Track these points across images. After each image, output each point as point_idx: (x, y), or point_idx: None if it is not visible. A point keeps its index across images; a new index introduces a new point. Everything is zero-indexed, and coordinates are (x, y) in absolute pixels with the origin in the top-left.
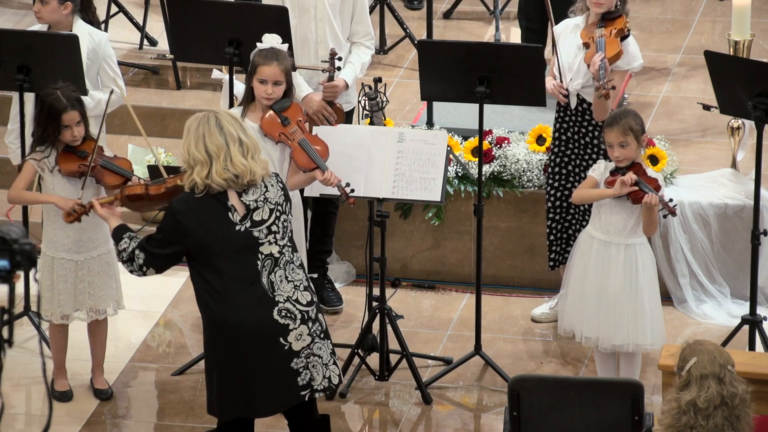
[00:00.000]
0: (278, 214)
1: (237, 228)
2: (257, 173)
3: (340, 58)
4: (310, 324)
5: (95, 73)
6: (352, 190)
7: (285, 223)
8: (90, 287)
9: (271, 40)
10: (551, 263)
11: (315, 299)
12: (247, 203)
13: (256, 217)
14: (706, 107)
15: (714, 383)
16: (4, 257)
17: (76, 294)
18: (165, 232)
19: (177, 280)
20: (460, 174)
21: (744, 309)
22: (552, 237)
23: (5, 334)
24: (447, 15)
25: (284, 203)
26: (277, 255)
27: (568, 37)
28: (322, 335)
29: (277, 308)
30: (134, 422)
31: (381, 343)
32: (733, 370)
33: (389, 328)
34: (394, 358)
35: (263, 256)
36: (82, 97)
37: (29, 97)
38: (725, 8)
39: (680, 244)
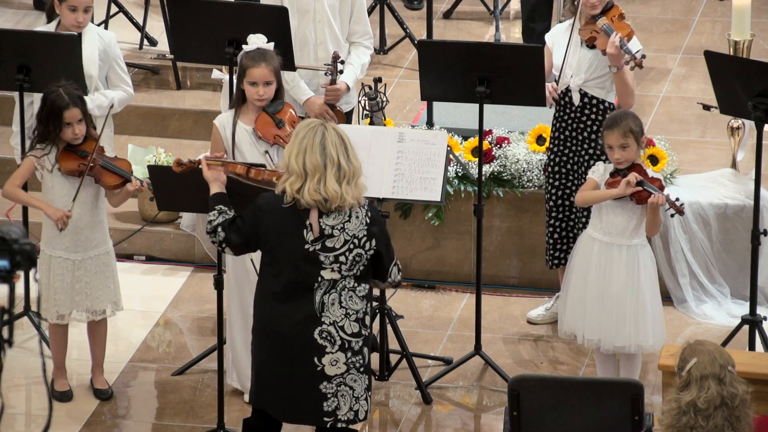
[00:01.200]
0: (351, 247)
1: (306, 246)
2: (347, 201)
3: (342, 62)
4: (349, 354)
5: (105, 73)
6: None
7: (356, 258)
8: (87, 287)
9: (256, 41)
10: (554, 262)
11: (365, 333)
12: (323, 227)
13: (329, 243)
14: (706, 107)
15: (714, 384)
16: (4, 257)
17: (72, 294)
18: (244, 222)
19: (177, 280)
20: (460, 174)
21: (744, 309)
22: (556, 236)
23: (5, 334)
24: (447, 15)
25: (363, 239)
26: (337, 279)
27: (561, 38)
28: (362, 369)
29: (319, 328)
30: (134, 422)
31: (381, 343)
32: (734, 370)
33: (389, 328)
34: (394, 358)
35: (321, 279)
36: (96, 97)
37: (29, 98)
38: (725, 8)
39: (680, 244)
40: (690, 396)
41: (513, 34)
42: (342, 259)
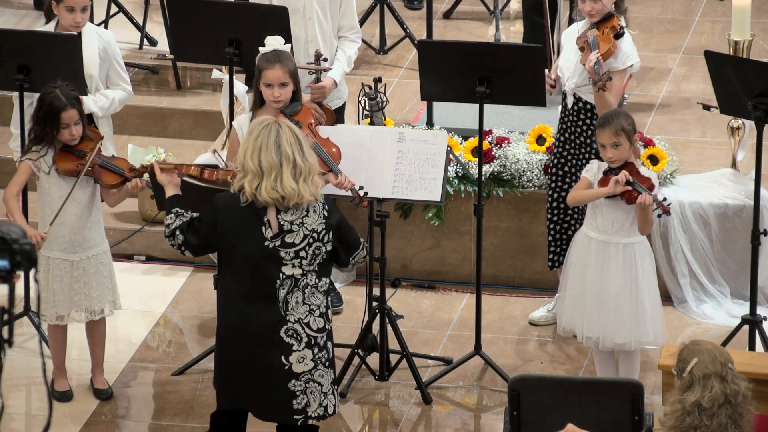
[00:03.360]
0: (311, 241)
1: (266, 243)
2: (305, 198)
3: (325, 59)
4: (315, 350)
5: (105, 71)
6: (366, 193)
7: (316, 251)
8: (85, 287)
9: (273, 43)
10: (549, 263)
11: (329, 327)
12: (282, 223)
13: (288, 239)
14: (706, 107)
15: (717, 382)
16: (4, 257)
17: (71, 294)
18: (202, 224)
19: (177, 280)
20: (460, 174)
21: (744, 309)
22: (550, 238)
23: (5, 334)
24: (447, 15)
25: (323, 232)
26: (299, 277)
27: (570, 40)
28: (327, 363)
29: (285, 327)
30: (134, 422)
31: (381, 343)
32: (733, 367)
33: (389, 328)
34: (394, 358)
35: (284, 276)
36: (98, 98)
37: (28, 99)
38: (725, 8)
39: (680, 244)
40: (694, 396)
41: (513, 34)
42: (302, 254)
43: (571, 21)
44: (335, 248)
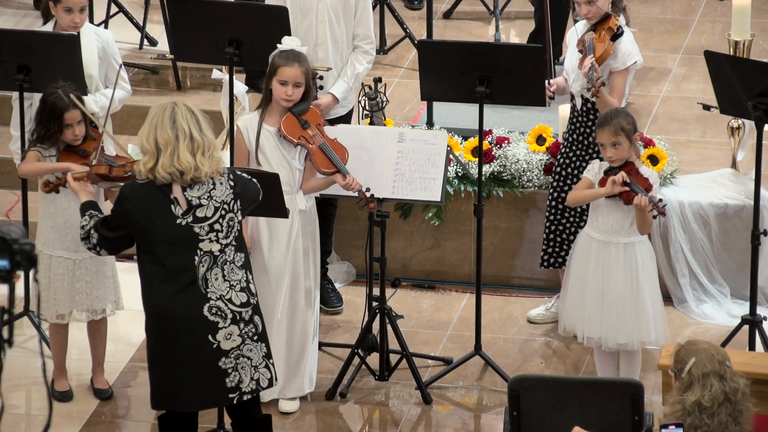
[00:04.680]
0: (223, 212)
1: (178, 221)
2: (203, 171)
3: (321, 77)
4: (242, 325)
5: (104, 71)
6: (372, 195)
7: (230, 222)
8: (87, 287)
9: (291, 43)
10: (541, 261)
11: (253, 302)
12: (190, 199)
13: (200, 213)
14: (706, 107)
15: (716, 381)
16: (4, 257)
17: (72, 294)
18: (113, 216)
19: None
20: (460, 174)
21: (744, 309)
22: (544, 236)
23: (5, 334)
24: (447, 15)
25: (231, 202)
26: (217, 253)
27: (574, 41)
28: (255, 337)
29: (207, 305)
30: (134, 422)
31: (381, 343)
32: (731, 365)
33: (389, 328)
34: (394, 358)
35: (202, 253)
36: (98, 97)
37: (28, 100)
38: (725, 8)
39: (680, 244)
40: (694, 396)
41: (513, 34)
42: (217, 226)
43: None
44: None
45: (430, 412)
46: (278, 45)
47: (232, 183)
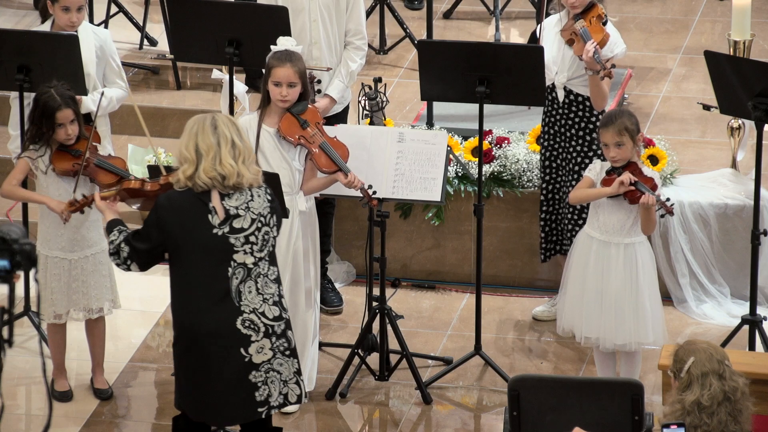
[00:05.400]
0: (259, 225)
1: (214, 231)
2: (245, 177)
3: (319, 81)
4: (273, 339)
5: (102, 70)
6: (374, 192)
7: (266, 236)
8: (84, 286)
9: (285, 43)
10: (542, 256)
11: (285, 316)
12: (228, 208)
13: (236, 224)
14: (706, 107)
15: (715, 380)
16: (4, 257)
17: (69, 293)
18: (146, 226)
19: None
20: (460, 174)
21: (744, 309)
22: (548, 229)
23: (5, 334)
24: (447, 15)
25: (268, 215)
26: (251, 266)
27: (550, 33)
28: (287, 353)
29: (241, 318)
30: (134, 422)
31: (381, 343)
32: (730, 364)
33: (389, 328)
34: (394, 358)
35: (235, 264)
36: (96, 97)
37: (26, 100)
38: (725, 8)
39: (680, 244)
40: (693, 395)
41: (513, 34)
42: (252, 239)
43: (545, 15)
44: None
45: (430, 412)
46: (272, 47)
47: (269, 197)
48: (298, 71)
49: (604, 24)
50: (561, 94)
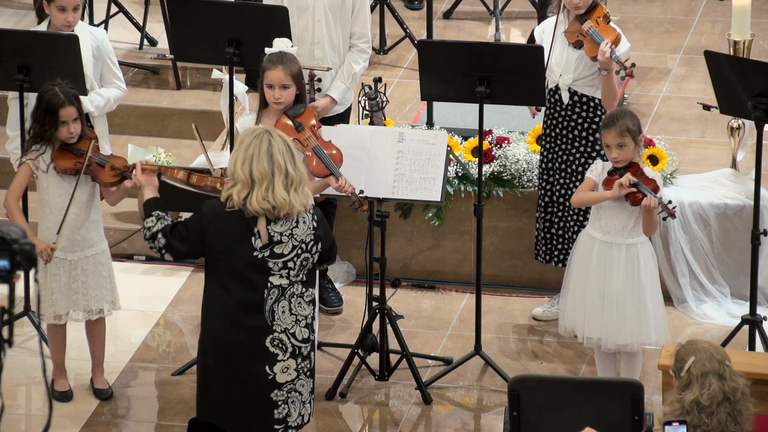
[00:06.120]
0: (299, 252)
1: (255, 254)
2: (295, 208)
3: (320, 80)
4: (299, 360)
5: (99, 70)
6: (366, 198)
7: (303, 262)
8: (84, 287)
9: (279, 44)
10: (540, 259)
11: (313, 338)
12: (272, 234)
13: (277, 249)
14: (706, 107)
15: (715, 380)
16: (4, 257)
17: (69, 294)
18: (188, 231)
19: (177, 280)
20: (460, 174)
21: (744, 309)
22: (545, 233)
23: (5, 334)
24: (447, 15)
25: (310, 243)
26: (286, 286)
27: (549, 35)
28: (308, 373)
29: (270, 337)
30: (134, 422)
31: (381, 343)
32: (731, 364)
33: (389, 328)
34: (394, 358)
35: (271, 286)
36: (93, 97)
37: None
38: (725, 8)
39: (680, 244)
40: (693, 395)
41: (513, 34)
42: (290, 264)
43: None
44: (323, 254)
45: (430, 412)
46: (266, 49)
47: (315, 224)
48: (291, 73)
49: (608, 23)
50: (565, 96)
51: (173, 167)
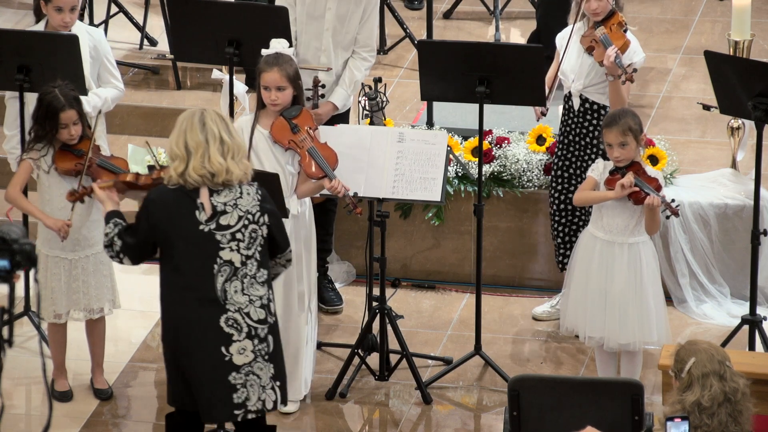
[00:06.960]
0: (246, 222)
1: (200, 227)
2: (234, 174)
3: (323, 85)
4: (256, 341)
5: (96, 70)
6: (360, 200)
7: (253, 233)
8: (84, 286)
9: (276, 46)
10: (560, 266)
11: (270, 320)
12: (215, 204)
13: (223, 221)
14: (706, 107)
15: (716, 380)
16: (4, 257)
17: (69, 293)
18: (137, 220)
19: None
20: (460, 174)
21: (744, 309)
22: (559, 240)
23: (5, 334)
24: (447, 15)
25: (257, 213)
26: (238, 265)
27: (565, 42)
28: (266, 357)
29: (225, 316)
30: (134, 422)
31: (381, 343)
32: (731, 365)
33: (389, 328)
34: (394, 358)
35: (221, 261)
36: (90, 97)
37: (29, 101)
38: (725, 8)
39: (680, 244)
40: (693, 396)
41: (513, 34)
42: (239, 236)
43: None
44: (272, 232)
45: (430, 412)
46: (263, 51)
47: (260, 197)
48: (287, 75)
49: (625, 32)
50: (576, 102)
51: (123, 173)
